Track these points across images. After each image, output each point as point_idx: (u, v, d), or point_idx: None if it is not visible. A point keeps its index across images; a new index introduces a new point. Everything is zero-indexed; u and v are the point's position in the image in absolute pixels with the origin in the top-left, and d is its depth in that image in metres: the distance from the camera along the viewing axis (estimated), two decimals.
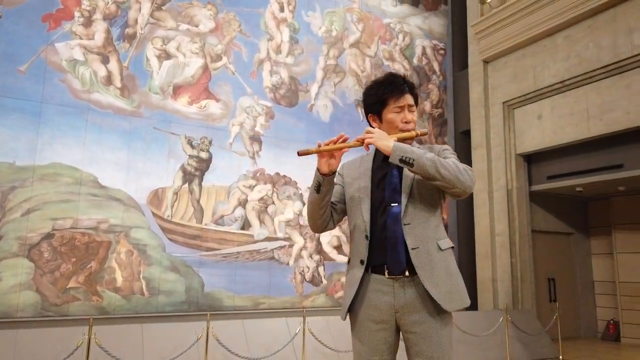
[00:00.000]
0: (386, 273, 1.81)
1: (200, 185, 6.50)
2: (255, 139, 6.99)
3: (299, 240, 7.03)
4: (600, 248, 8.72)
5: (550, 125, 7.29)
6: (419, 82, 8.66)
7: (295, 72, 7.46)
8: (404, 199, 1.85)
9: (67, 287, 5.52)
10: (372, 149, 1.97)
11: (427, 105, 8.67)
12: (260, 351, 4.65)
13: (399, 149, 1.78)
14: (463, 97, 8.82)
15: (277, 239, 6.89)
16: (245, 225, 6.71)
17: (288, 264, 6.91)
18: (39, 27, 5.79)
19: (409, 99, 1.95)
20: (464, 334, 5.64)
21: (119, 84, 6.16)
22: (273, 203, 6.95)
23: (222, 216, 6.58)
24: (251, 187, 6.83)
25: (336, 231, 7.34)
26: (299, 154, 1.85)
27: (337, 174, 2.02)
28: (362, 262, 1.84)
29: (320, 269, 7.14)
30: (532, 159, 7.87)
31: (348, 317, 1.91)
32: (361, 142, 1.87)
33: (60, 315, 5.38)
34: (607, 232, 8.57)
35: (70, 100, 5.86)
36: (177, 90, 6.54)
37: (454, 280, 1.83)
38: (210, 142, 6.64)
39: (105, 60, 6.12)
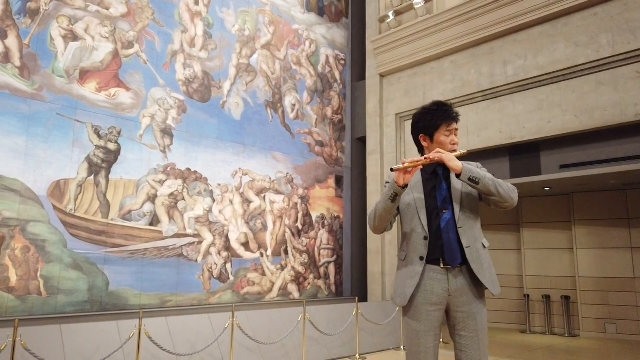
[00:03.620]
0: (441, 264, 2.20)
1: (107, 177, 6.14)
2: (167, 132, 6.80)
3: (208, 237, 7.02)
4: None
5: None
6: (323, 89, 9.16)
7: (208, 67, 7.41)
8: (456, 207, 2.26)
9: None
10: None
11: (328, 111, 9.20)
12: (186, 348, 4.65)
13: (467, 169, 2.19)
14: (360, 106, 9.55)
15: (186, 235, 6.79)
16: (154, 221, 6.50)
17: (196, 260, 6.85)
18: None
19: (455, 124, 2.34)
20: (367, 323, 6.23)
21: (17, 63, 5.55)
22: (183, 199, 6.83)
23: (129, 211, 6.30)
24: (161, 182, 6.64)
25: (244, 228, 7.47)
26: (392, 170, 2.17)
27: (389, 183, 2.38)
28: (421, 258, 2.22)
29: (228, 265, 7.20)
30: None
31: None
32: (431, 160, 2.19)
33: None
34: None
35: None
36: (84, 75, 6.09)
37: (493, 272, 2.27)
38: (119, 133, 6.30)
39: (2, 35, 5.47)
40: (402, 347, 6.62)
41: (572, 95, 6.75)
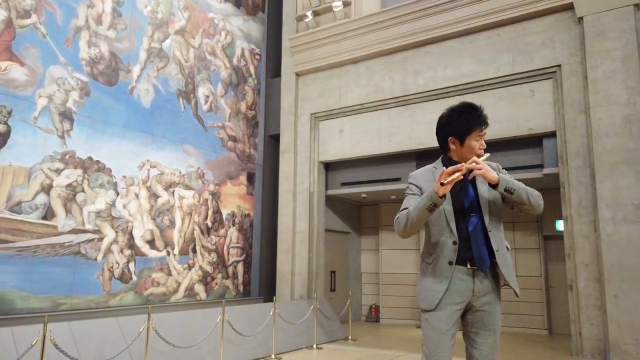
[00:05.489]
0: (468, 265, 2.21)
1: None
2: (66, 116, 6.09)
3: (109, 234, 6.42)
4: (369, 245, 10.51)
5: (349, 140, 8.49)
6: (237, 82, 8.89)
7: (116, 48, 6.79)
8: (485, 212, 2.25)
9: None
10: (439, 163, 2.37)
11: (242, 106, 8.95)
12: (93, 355, 4.19)
13: (504, 180, 2.17)
14: (275, 103, 9.44)
15: (85, 231, 6.14)
16: (48, 214, 5.78)
17: (96, 259, 6.23)
18: None
19: (486, 129, 2.30)
20: (282, 322, 6.15)
21: None
22: (83, 191, 6.17)
23: (19, 202, 5.53)
24: (58, 171, 5.93)
25: (150, 225, 6.96)
26: (443, 184, 2.05)
27: (415, 186, 2.35)
28: (450, 263, 2.21)
29: (131, 264, 6.66)
30: (330, 167, 8.98)
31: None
32: (469, 171, 2.13)
33: None
34: (375, 232, 10.40)
35: None
36: None
37: (514, 274, 2.33)
38: (9, 113, 5.51)
39: None
40: (314, 346, 6.65)
41: None
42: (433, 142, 7.45)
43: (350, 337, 7.44)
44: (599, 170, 6.02)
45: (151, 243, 6.96)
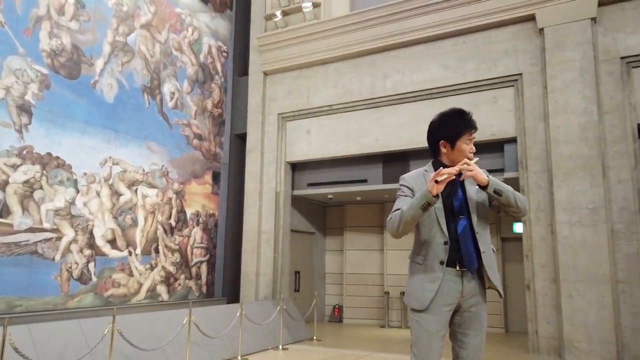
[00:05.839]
0: (457, 267, 2.26)
1: None
2: (25, 109, 5.82)
3: (68, 233, 6.17)
4: (334, 245, 10.57)
5: (316, 141, 8.51)
6: (204, 80, 8.74)
7: (79, 40, 6.54)
8: (473, 214, 2.31)
9: None
10: (430, 167, 2.42)
11: (209, 104, 8.81)
12: (55, 359, 4.02)
13: (493, 182, 2.24)
14: (242, 102, 9.34)
15: (42, 230, 5.88)
16: (4, 212, 5.50)
17: (54, 259, 5.98)
18: None
19: (475, 133, 2.38)
20: (248, 323, 6.10)
21: None
22: (41, 188, 5.91)
23: None
24: (14, 167, 5.65)
25: (112, 224, 6.74)
26: (438, 182, 2.12)
27: (407, 188, 2.38)
28: (441, 262, 2.26)
29: (91, 265, 6.43)
30: (296, 167, 8.97)
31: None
32: (459, 172, 2.20)
33: None
34: (340, 232, 10.47)
35: None
36: None
37: (499, 275, 2.40)
38: None
39: None
40: (280, 347, 6.63)
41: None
42: (401, 145, 7.67)
43: (315, 338, 7.46)
44: (557, 175, 6.29)
45: (112, 243, 6.75)
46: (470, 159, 2.29)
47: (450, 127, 2.36)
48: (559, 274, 6.10)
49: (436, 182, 2.11)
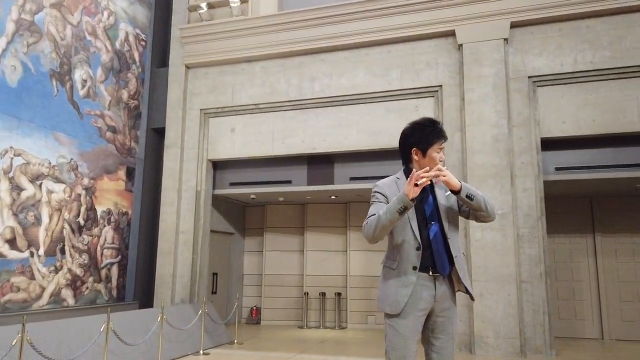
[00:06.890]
0: (430, 272, 2.30)
1: None
2: None
3: None
4: (253, 246, 10.41)
5: (241, 139, 8.32)
6: (120, 68, 8.16)
7: None
8: (444, 219, 2.36)
9: None
10: (401, 174, 2.48)
11: (124, 94, 8.25)
12: None
13: (465, 187, 2.31)
14: (160, 95, 8.86)
15: None
16: None
17: None
18: None
19: (445, 142, 2.45)
20: (168, 328, 5.79)
21: None
22: None
23: None
24: None
25: (11, 221, 6.05)
26: (417, 185, 2.17)
27: (381, 194, 2.40)
28: (414, 267, 2.29)
29: None
30: (218, 165, 8.71)
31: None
32: (435, 177, 2.26)
33: None
34: (260, 233, 10.34)
35: None
36: None
37: (470, 279, 2.48)
38: None
39: None
40: (201, 352, 6.38)
41: (366, 117, 7.70)
42: (326, 148, 7.76)
43: (236, 341, 7.29)
44: (471, 182, 6.74)
45: (11, 242, 6.05)
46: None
47: (423, 135, 2.44)
48: (471, 274, 6.54)
49: (415, 185, 2.17)
